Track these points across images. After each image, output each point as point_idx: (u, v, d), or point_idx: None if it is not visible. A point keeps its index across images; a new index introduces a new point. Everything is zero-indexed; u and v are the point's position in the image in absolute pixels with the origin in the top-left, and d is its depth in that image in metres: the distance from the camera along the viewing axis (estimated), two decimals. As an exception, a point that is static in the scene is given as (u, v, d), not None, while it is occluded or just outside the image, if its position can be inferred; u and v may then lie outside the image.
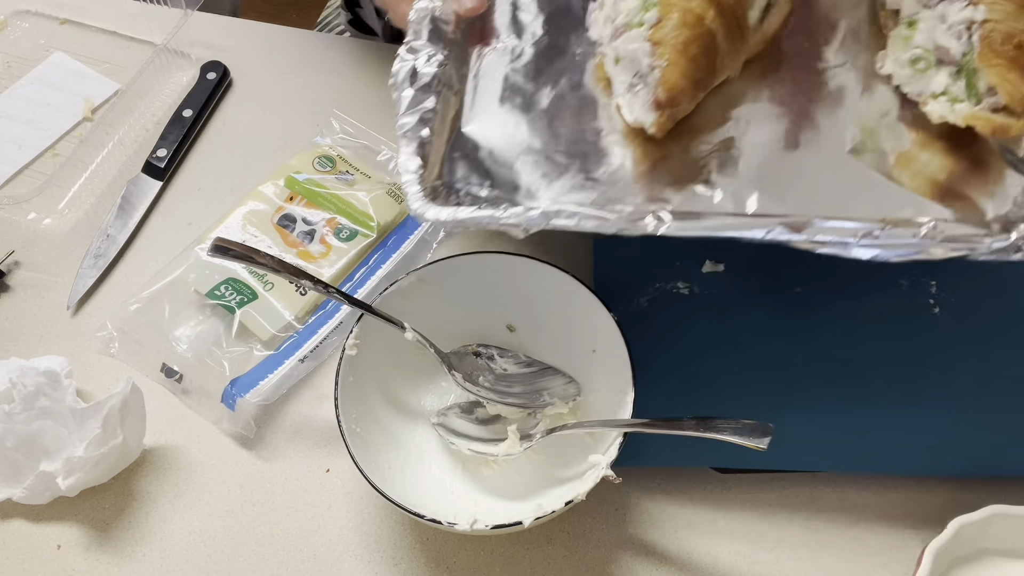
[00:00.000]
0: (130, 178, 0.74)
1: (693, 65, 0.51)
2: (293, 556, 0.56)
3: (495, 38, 0.62)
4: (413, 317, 0.57)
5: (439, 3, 0.60)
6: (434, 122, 0.56)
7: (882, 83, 0.57)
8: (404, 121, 0.55)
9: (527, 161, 0.55)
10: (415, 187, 0.52)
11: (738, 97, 0.57)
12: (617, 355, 0.55)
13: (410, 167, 0.53)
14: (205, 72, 0.79)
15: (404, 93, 0.56)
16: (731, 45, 0.53)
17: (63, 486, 0.55)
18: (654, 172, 0.54)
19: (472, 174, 0.55)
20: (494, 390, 0.59)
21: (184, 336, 0.63)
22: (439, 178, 0.55)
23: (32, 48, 0.83)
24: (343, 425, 0.52)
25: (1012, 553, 0.52)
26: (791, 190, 0.52)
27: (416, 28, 0.59)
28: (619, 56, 0.54)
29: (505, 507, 0.55)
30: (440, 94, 0.57)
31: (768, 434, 0.46)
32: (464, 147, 0.57)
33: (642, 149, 0.55)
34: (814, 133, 0.55)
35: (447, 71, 0.58)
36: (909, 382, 0.59)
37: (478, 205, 0.52)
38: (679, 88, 0.50)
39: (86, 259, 0.69)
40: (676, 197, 0.52)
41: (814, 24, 0.60)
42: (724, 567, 0.55)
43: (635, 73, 0.53)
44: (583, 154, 0.55)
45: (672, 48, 0.50)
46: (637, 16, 0.53)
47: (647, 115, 0.52)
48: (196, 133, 0.77)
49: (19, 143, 0.76)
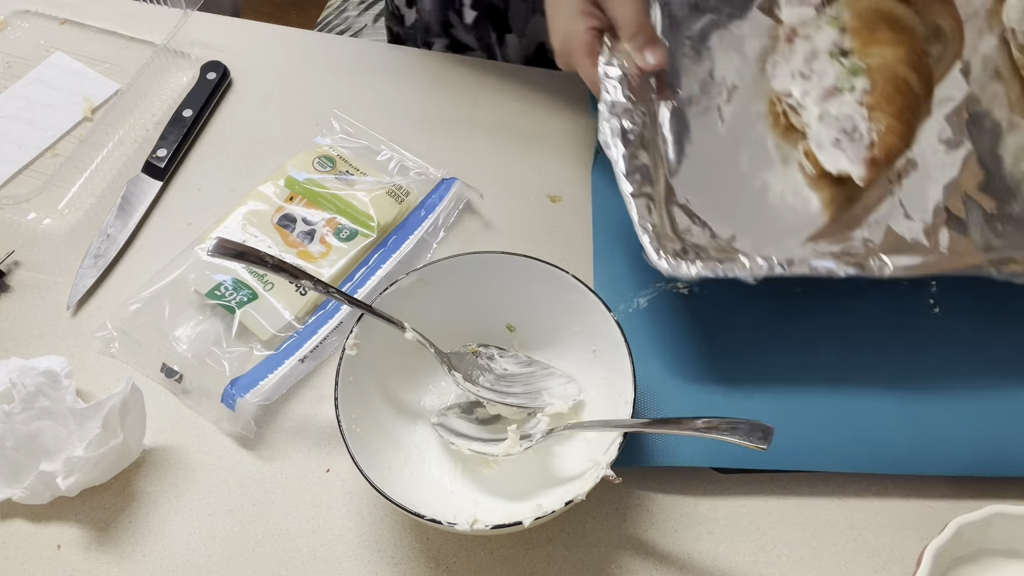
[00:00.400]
0: (130, 178, 0.74)
1: (907, 128, 0.57)
2: (293, 556, 0.56)
3: (676, 89, 0.66)
4: (413, 317, 0.57)
5: (622, 60, 0.62)
6: (651, 177, 0.59)
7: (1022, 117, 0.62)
8: (628, 181, 0.57)
9: (729, 208, 0.59)
10: (654, 244, 0.55)
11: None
12: (617, 355, 0.55)
13: (647, 226, 0.55)
14: (205, 72, 0.79)
15: (619, 152, 0.58)
16: (927, 100, 0.59)
17: (63, 486, 0.55)
18: (843, 214, 0.59)
19: (691, 224, 0.59)
20: (494, 390, 0.59)
21: (184, 336, 0.63)
22: (672, 232, 0.58)
23: (32, 48, 0.83)
24: (343, 425, 0.52)
25: (1012, 553, 0.52)
26: (974, 225, 0.58)
27: (611, 85, 0.61)
28: (824, 115, 0.59)
29: (505, 507, 0.55)
30: (648, 149, 0.60)
31: (768, 435, 0.46)
32: (677, 199, 0.60)
33: (830, 192, 0.60)
34: (982, 170, 0.60)
35: (647, 126, 0.61)
36: (909, 382, 0.59)
37: (715, 259, 0.55)
38: (896, 148, 0.56)
39: (86, 259, 0.69)
40: (876, 235, 0.57)
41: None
42: (724, 567, 0.55)
43: (842, 129, 0.58)
44: (772, 197, 0.60)
45: (889, 115, 0.56)
46: (847, 82, 0.58)
47: (858, 168, 0.57)
48: (196, 133, 0.77)
49: (19, 143, 0.76)
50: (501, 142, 0.76)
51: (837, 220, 0.59)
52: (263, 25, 0.87)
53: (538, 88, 0.80)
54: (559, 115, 0.78)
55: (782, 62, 0.64)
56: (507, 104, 0.78)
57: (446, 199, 0.70)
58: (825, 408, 0.59)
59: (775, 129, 0.63)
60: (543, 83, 0.80)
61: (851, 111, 0.57)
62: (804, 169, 0.61)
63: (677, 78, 0.66)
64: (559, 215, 0.72)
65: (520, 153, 0.75)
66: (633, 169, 0.58)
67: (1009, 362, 0.60)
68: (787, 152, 0.62)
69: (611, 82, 0.61)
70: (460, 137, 0.77)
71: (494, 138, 0.77)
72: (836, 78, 0.58)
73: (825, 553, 0.55)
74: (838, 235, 0.58)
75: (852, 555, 0.55)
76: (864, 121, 0.56)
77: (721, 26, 0.69)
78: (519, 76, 0.81)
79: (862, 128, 0.56)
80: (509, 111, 0.78)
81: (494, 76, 0.81)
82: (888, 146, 0.55)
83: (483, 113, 0.78)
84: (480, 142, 0.76)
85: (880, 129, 0.55)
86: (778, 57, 0.64)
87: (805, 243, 0.58)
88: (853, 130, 0.57)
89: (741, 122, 0.64)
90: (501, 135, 0.77)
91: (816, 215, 0.59)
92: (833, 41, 0.60)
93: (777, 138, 0.63)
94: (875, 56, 0.57)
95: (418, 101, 0.80)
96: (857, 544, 0.56)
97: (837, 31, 0.60)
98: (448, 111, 0.79)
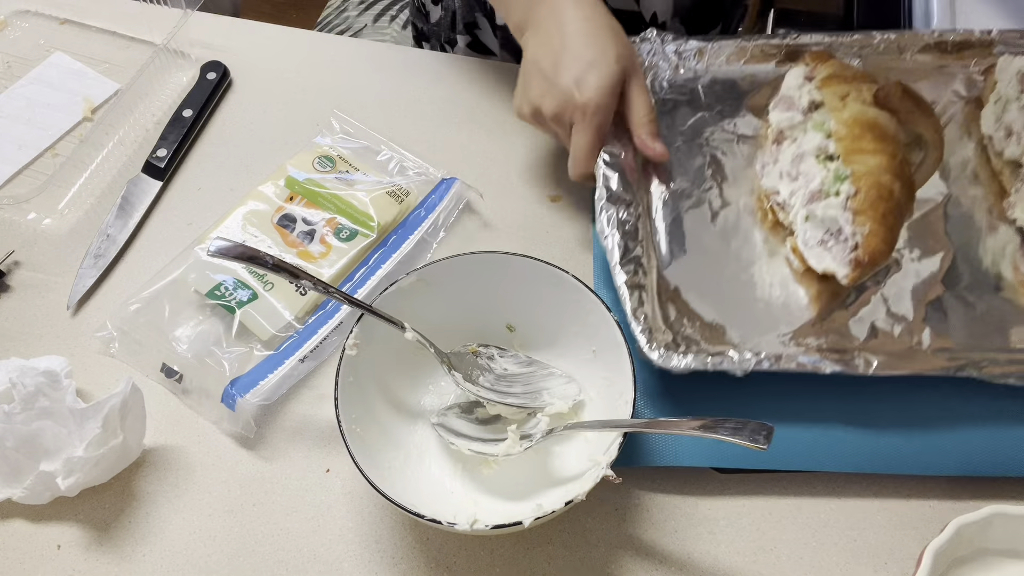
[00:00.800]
0: (130, 178, 0.74)
1: (890, 233, 0.58)
2: (293, 556, 0.56)
3: (670, 181, 0.68)
4: (413, 317, 0.57)
5: (620, 149, 0.65)
6: (644, 268, 0.61)
7: (1004, 223, 0.65)
8: (622, 271, 0.60)
9: (718, 300, 0.61)
10: (646, 335, 0.57)
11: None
12: (617, 355, 0.55)
13: (638, 316, 0.58)
14: (205, 72, 0.79)
15: (614, 241, 0.61)
16: (908, 205, 0.61)
17: (63, 486, 0.55)
18: (828, 309, 0.61)
19: (682, 316, 0.61)
20: (494, 390, 0.59)
21: (184, 336, 0.63)
22: (664, 323, 0.60)
23: (32, 48, 0.83)
24: (343, 425, 0.52)
25: (1012, 553, 0.52)
26: (955, 323, 0.60)
27: (609, 174, 0.64)
28: (811, 216, 0.61)
29: (505, 507, 0.55)
30: (642, 242, 0.62)
31: (769, 435, 0.46)
32: (668, 290, 0.62)
33: (816, 288, 0.62)
34: (963, 269, 0.62)
35: (642, 217, 0.64)
36: (909, 382, 0.59)
37: (705, 352, 0.57)
38: (880, 251, 0.57)
39: (86, 259, 0.69)
40: (861, 332, 0.60)
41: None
42: (724, 567, 0.55)
43: (827, 231, 0.60)
44: (760, 290, 0.62)
45: (872, 219, 0.58)
46: (832, 186, 0.60)
47: (843, 268, 0.59)
48: (196, 133, 0.77)
49: (19, 143, 0.76)
50: (501, 142, 0.76)
51: (823, 314, 0.61)
52: (263, 25, 0.87)
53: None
54: (559, 115, 0.78)
55: (770, 162, 0.66)
56: (507, 104, 0.78)
57: (446, 199, 0.70)
58: (825, 408, 0.59)
59: (764, 224, 0.66)
60: (543, 83, 0.80)
61: (836, 214, 0.59)
62: (791, 264, 0.64)
63: (670, 171, 0.69)
64: (559, 215, 0.72)
65: (520, 153, 0.75)
66: (627, 260, 0.61)
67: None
68: (775, 247, 0.65)
69: (609, 171, 0.64)
70: (460, 137, 0.77)
71: (494, 138, 0.77)
72: (822, 182, 0.61)
73: (825, 553, 0.55)
74: (825, 329, 0.60)
75: (852, 555, 0.55)
76: (849, 225, 0.58)
77: (713, 123, 0.71)
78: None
79: (847, 231, 0.58)
80: (509, 111, 0.78)
81: (494, 76, 0.81)
82: (872, 249, 0.57)
83: (483, 113, 0.78)
84: (480, 142, 0.76)
85: (864, 233, 0.57)
86: (767, 157, 0.67)
87: (793, 336, 0.60)
88: (838, 232, 0.59)
89: (731, 216, 0.66)
90: (501, 135, 0.77)
91: (803, 309, 0.61)
92: (818, 145, 0.62)
93: (766, 232, 0.66)
94: (859, 163, 0.59)
95: (418, 101, 0.80)
96: (857, 544, 0.56)
97: (823, 136, 0.62)
98: (448, 111, 0.79)
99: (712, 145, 0.70)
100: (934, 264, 0.63)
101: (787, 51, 0.74)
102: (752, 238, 0.65)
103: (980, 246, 0.64)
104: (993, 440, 0.57)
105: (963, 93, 0.71)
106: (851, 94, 0.62)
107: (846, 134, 0.60)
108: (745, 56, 0.74)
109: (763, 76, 0.73)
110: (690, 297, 0.62)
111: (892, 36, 0.73)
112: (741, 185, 0.68)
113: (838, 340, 0.59)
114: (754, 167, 0.68)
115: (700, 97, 0.72)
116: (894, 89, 0.60)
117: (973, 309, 0.61)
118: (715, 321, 0.61)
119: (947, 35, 0.73)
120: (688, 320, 0.61)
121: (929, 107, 0.62)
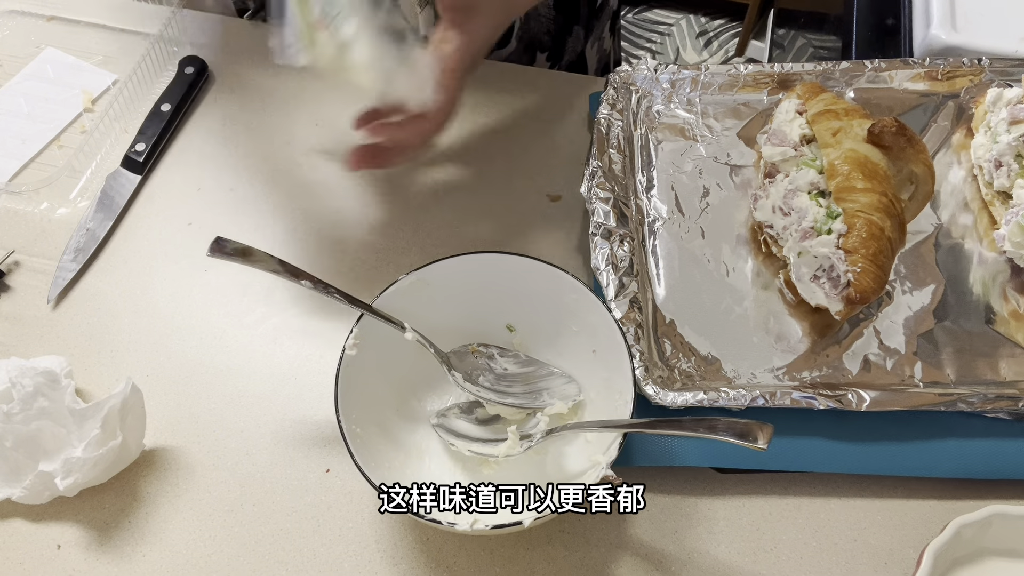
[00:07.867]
0: (109, 172, 0.74)
1: (882, 271, 0.59)
2: (293, 556, 0.56)
3: (662, 215, 0.68)
4: (413, 317, 0.57)
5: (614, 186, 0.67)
6: (639, 303, 0.62)
7: (994, 253, 0.65)
8: (618, 308, 0.61)
9: (713, 333, 0.62)
10: (642, 371, 0.58)
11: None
12: (617, 355, 0.55)
13: (633, 352, 0.57)
14: (183, 67, 0.79)
15: (609, 278, 0.62)
16: (900, 241, 0.61)
17: (61, 486, 0.55)
18: (822, 343, 0.62)
19: (678, 352, 0.61)
20: (494, 390, 0.59)
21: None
22: (659, 359, 0.61)
23: (23, 45, 0.83)
24: (343, 425, 0.52)
25: (1012, 553, 0.53)
26: (946, 357, 0.60)
27: (602, 210, 0.66)
28: (803, 252, 0.61)
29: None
30: (637, 276, 0.63)
31: (768, 435, 0.46)
32: (664, 324, 0.63)
33: (810, 321, 0.63)
34: (954, 301, 0.63)
35: (636, 252, 0.65)
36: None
37: (700, 388, 0.58)
38: (871, 289, 0.58)
39: (66, 253, 0.69)
40: (854, 365, 0.60)
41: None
42: (724, 567, 0.55)
43: (819, 267, 0.61)
44: (754, 323, 0.63)
45: (863, 257, 0.58)
46: (825, 224, 0.60)
47: (834, 304, 0.60)
48: (175, 127, 0.77)
49: (22, 137, 0.77)
50: (501, 142, 0.76)
51: (817, 348, 0.61)
52: (244, 22, 0.86)
53: (538, 88, 0.80)
54: (559, 115, 0.78)
55: (763, 196, 0.66)
56: (507, 104, 0.78)
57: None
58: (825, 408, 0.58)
59: (757, 256, 0.66)
60: (543, 83, 0.80)
61: (828, 252, 0.59)
62: (785, 296, 0.64)
63: (664, 203, 0.69)
64: (559, 215, 0.72)
65: (520, 153, 0.75)
66: (623, 296, 0.62)
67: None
68: (768, 280, 0.65)
69: (602, 206, 0.66)
70: (460, 137, 0.77)
71: (494, 138, 0.77)
72: (814, 219, 0.61)
73: (825, 553, 0.55)
74: (819, 363, 0.61)
75: (852, 555, 0.55)
76: (841, 263, 0.59)
77: (706, 153, 0.72)
78: (519, 76, 0.81)
79: (839, 269, 0.59)
80: (509, 111, 0.78)
81: (494, 76, 0.81)
82: (863, 287, 0.58)
83: (483, 113, 0.78)
84: (480, 142, 0.76)
85: (856, 271, 0.58)
86: (759, 191, 0.67)
87: (787, 370, 0.60)
88: (831, 269, 0.60)
89: (725, 248, 0.67)
90: (501, 135, 0.77)
91: (797, 342, 0.62)
92: (811, 181, 0.62)
93: (759, 264, 0.66)
94: (851, 202, 0.59)
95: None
96: (857, 544, 0.56)
97: (815, 172, 0.62)
98: (448, 110, 0.78)
99: (705, 175, 0.70)
100: (925, 297, 0.63)
101: (779, 79, 0.74)
102: (746, 270, 0.66)
103: (970, 276, 0.64)
104: (993, 440, 0.57)
105: (954, 121, 0.72)
106: (842, 130, 0.62)
107: (837, 172, 0.60)
108: (738, 85, 0.75)
109: (755, 104, 0.74)
110: (685, 331, 0.62)
111: (883, 64, 0.74)
112: (734, 216, 0.68)
113: (831, 374, 0.60)
114: (747, 198, 0.69)
115: (693, 127, 0.73)
116: (887, 126, 0.61)
117: (964, 341, 0.61)
118: (710, 355, 0.61)
119: (937, 63, 0.74)
120: (684, 355, 0.61)
121: (921, 143, 0.62)
